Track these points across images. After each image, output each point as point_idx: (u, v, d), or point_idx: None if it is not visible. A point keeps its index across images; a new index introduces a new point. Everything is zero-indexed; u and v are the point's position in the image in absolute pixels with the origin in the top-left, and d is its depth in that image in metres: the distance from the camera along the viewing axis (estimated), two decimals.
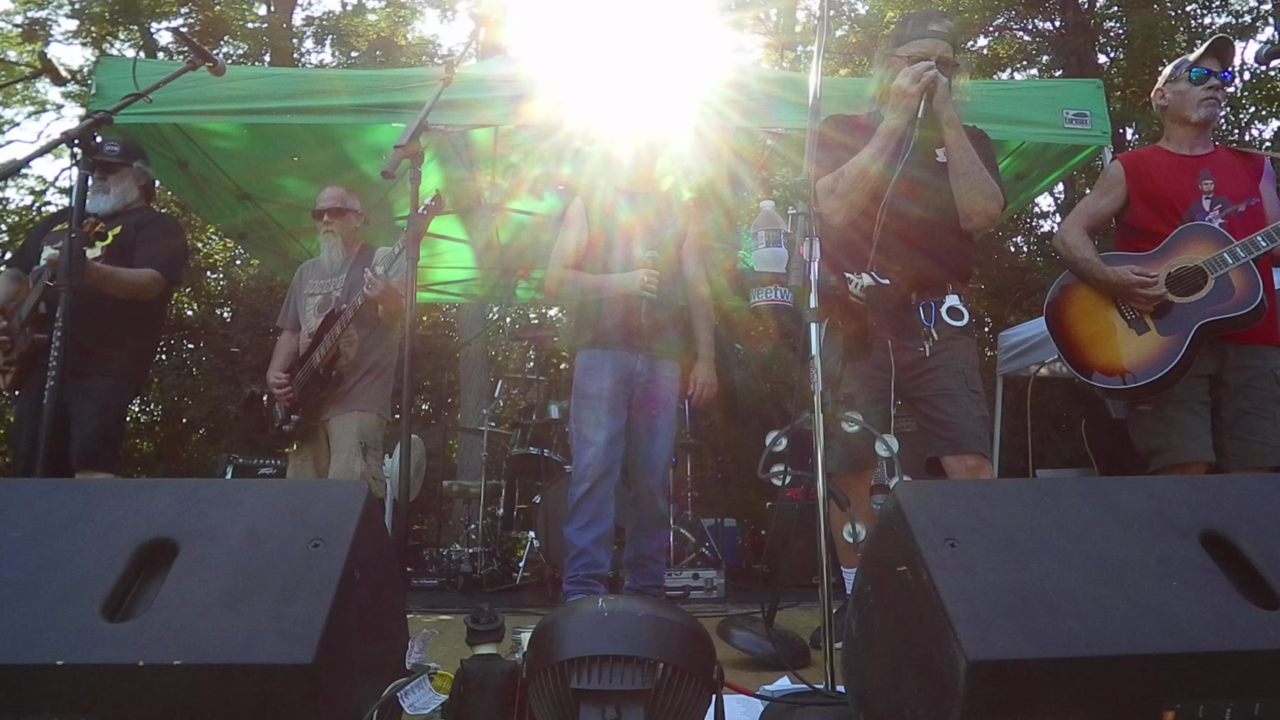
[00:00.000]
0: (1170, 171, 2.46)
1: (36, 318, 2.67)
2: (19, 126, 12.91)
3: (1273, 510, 1.11)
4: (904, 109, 2.17)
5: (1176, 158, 2.49)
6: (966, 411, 2.21)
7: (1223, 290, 2.26)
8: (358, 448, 2.93)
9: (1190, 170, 2.44)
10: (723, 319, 7.23)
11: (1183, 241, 2.35)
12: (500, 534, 4.88)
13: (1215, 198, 2.39)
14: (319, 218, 3.20)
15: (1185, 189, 2.42)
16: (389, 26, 13.02)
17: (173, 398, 9.72)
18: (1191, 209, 2.40)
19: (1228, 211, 2.38)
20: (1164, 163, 2.49)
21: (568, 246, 3.01)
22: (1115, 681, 0.94)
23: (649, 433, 2.94)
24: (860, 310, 2.27)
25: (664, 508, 3.02)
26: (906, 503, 1.11)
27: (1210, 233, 2.32)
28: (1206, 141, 2.51)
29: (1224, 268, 2.27)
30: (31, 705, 0.92)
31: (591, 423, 2.88)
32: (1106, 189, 2.55)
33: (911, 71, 2.16)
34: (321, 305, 3.12)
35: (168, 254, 2.85)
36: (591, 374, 2.91)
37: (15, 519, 1.08)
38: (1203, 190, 2.40)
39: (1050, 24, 10.99)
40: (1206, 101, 2.43)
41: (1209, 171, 2.43)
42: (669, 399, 2.98)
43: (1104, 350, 2.38)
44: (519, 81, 3.45)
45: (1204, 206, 2.40)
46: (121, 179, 2.88)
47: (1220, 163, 2.46)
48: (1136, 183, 2.49)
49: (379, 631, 1.22)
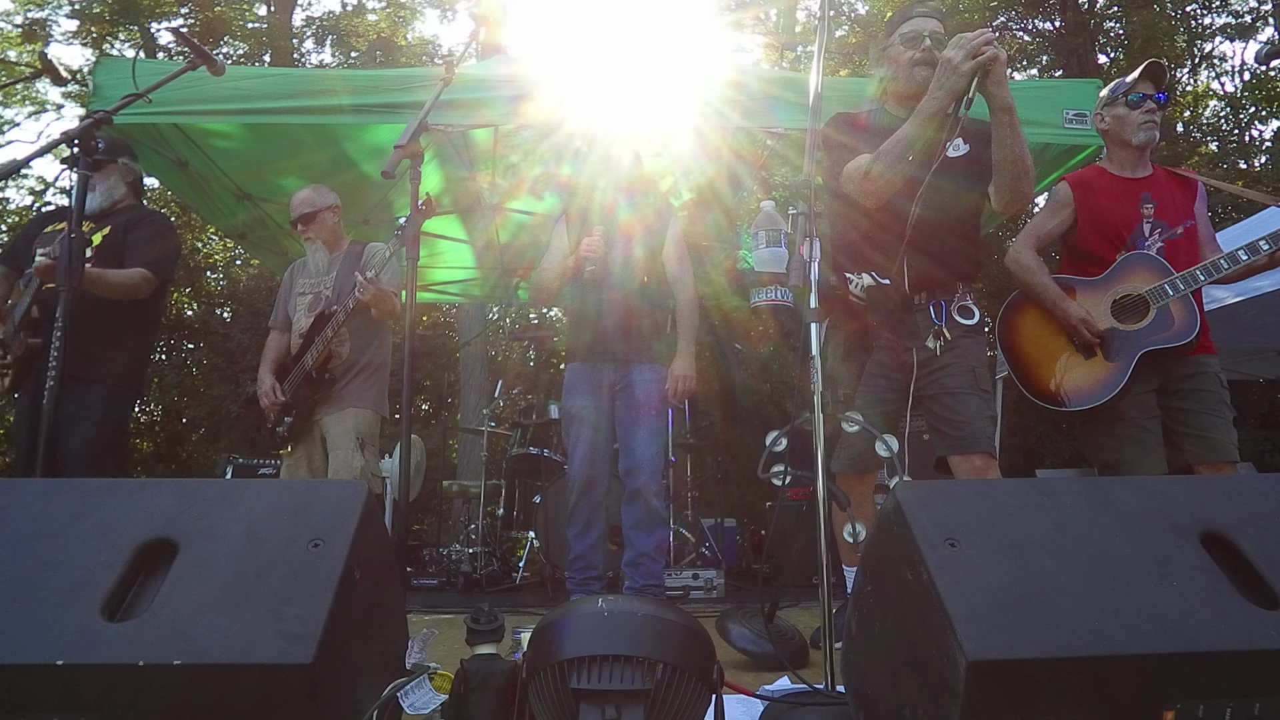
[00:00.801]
0: (1115, 195, 2.55)
1: (30, 321, 2.65)
2: (19, 126, 12.91)
3: (1273, 510, 1.11)
4: (949, 88, 1.88)
5: (1120, 181, 2.57)
6: (974, 411, 2.20)
7: (1164, 320, 2.40)
8: (355, 443, 2.92)
9: (1133, 195, 2.54)
10: (723, 319, 7.24)
11: (1127, 269, 2.48)
12: (500, 534, 4.88)
13: (1155, 222, 2.51)
14: (293, 225, 3.19)
15: (1129, 213, 2.52)
16: (389, 26, 13.03)
17: (173, 397, 9.72)
18: (1134, 234, 2.51)
19: (1166, 235, 2.50)
20: (1109, 186, 2.57)
21: (550, 254, 3.19)
22: (1115, 681, 0.94)
23: (632, 435, 3.05)
24: (860, 310, 2.27)
25: (658, 507, 3.06)
26: (906, 502, 1.11)
27: (1152, 263, 2.45)
28: (1146, 163, 2.60)
29: (1165, 299, 2.40)
30: (31, 705, 0.92)
31: (572, 438, 3.11)
32: (1055, 210, 2.62)
33: (964, 40, 1.85)
34: (312, 304, 3.10)
35: (158, 252, 2.82)
36: (571, 391, 3.13)
37: (15, 519, 1.08)
38: (1144, 215, 2.51)
39: (1050, 24, 11.00)
40: (1145, 125, 2.52)
41: (1150, 195, 2.53)
42: (649, 400, 3.06)
43: (1052, 373, 2.48)
44: (519, 81, 3.45)
45: (1145, 231, 2.51)
46: (107, 175, 2.85)
47: (1159, 185, 2.56)
48: (1084, 205, 2.57)
49: (379, 631, 1.22)
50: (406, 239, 2.08)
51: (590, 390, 3.08)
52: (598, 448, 3.07)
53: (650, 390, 3.06)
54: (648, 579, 3.04)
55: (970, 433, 2.19)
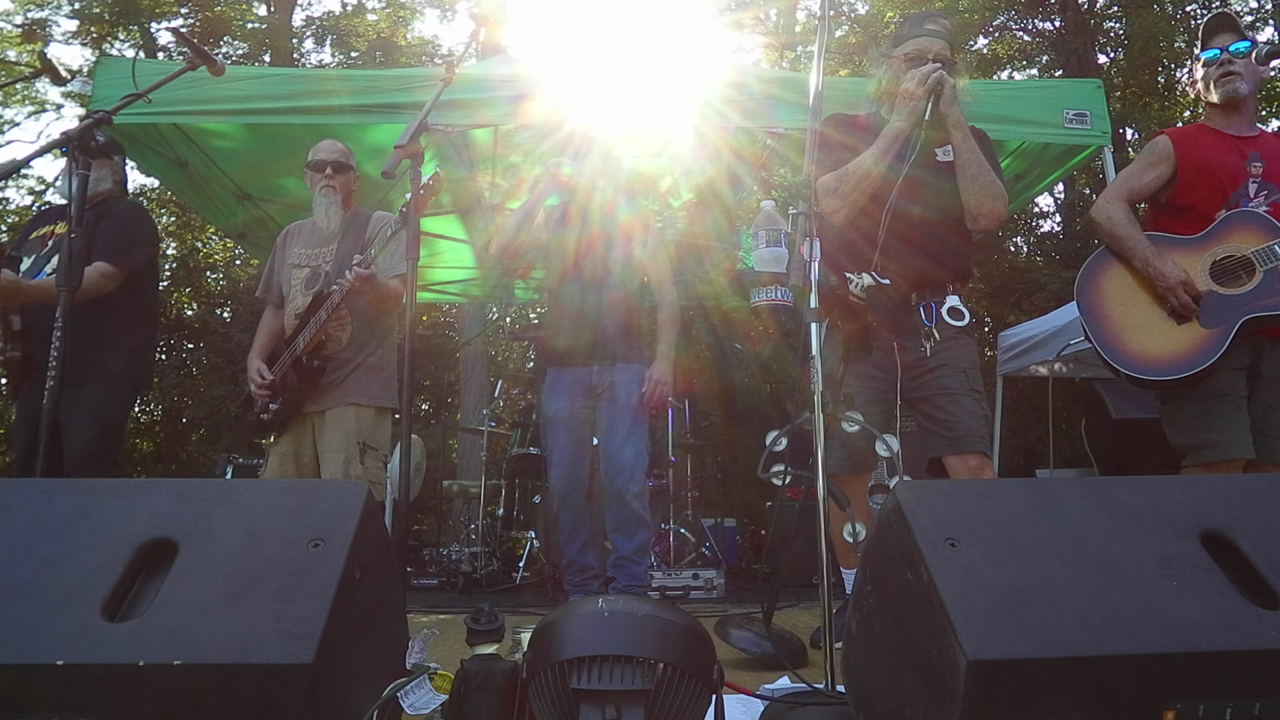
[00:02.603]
0: (1220, 149, 2.35)
1: (11, 334, 2.63)
2: (19, 126, 12.88)
3: (1273, 510, 1.11)
4: (910, 111, 2.17)
5: (1225, 137, 2.38)
6: (968, 411, 2.20)
7: (1272, 284, 2.15)
8: (355, 450, 2.67)
9: (1239, 151, 2.34)
10: (723, 319, 7.25)
11: (1230, 228, 2.24)
12: (500, 534, 4.88)
13: (1262, 182, 2.29)
14: (319, 170, 2.87)
15: (1235, 170, 2.31)
16: (389, 26, 13.03)
17: (172, 398, 9.73)
18: (1238, 192, 2.29)
19: (1273, 198, 2.28)
20: (1213, 140, 2.38)
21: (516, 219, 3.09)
22: (1115, 681, 0.94)
23: (610, 436, 3.05)
24: (860, 310, 2.27)
25: (639, 509, 3.04)
26: (906, 503, 1.11)
27: (1260, 221, 2.21)
28: (1250, 123, 2.40)
29: (1275, 260, 2.15)
30: (31, 705, 0.92)
31: (551, 443, 3.11)
32: (1152, 163, 2.40)
33: (919, 74, 2.16)
34: (309, 280, 2.83)
35: (120, 243, 2.70)
36: (550, 395, 3.12)
37: (15, 519, 1.08)
38: (1251, 173, 2.29)
39: (1050, 24, 11.00)
40: (1222, 79, 2.33)
41: (1258, 154, 2.32)
42: (628, 401, 3.05)
43: (1140, 338, 2.23)
44: (519, 81, 3.45)
45: (1249, 191, 2.29)
46: (99, 168, 2.72)
47: (1267, 147, 2.36)
48: (1185, 158, 2.35)
49: (379, 631, 1.21)
50: (412, 235, 2.04)
51: (568, 392, 3.07)
52: (575, 452, 3.07)
53: (632, 390, 3.05)
54: (630, 580, 3.05)
55: (965, 433, 2.19)
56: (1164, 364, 2.19)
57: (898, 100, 2.21)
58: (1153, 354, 2.21)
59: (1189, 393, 2.22)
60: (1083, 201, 9.27)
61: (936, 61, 2.19)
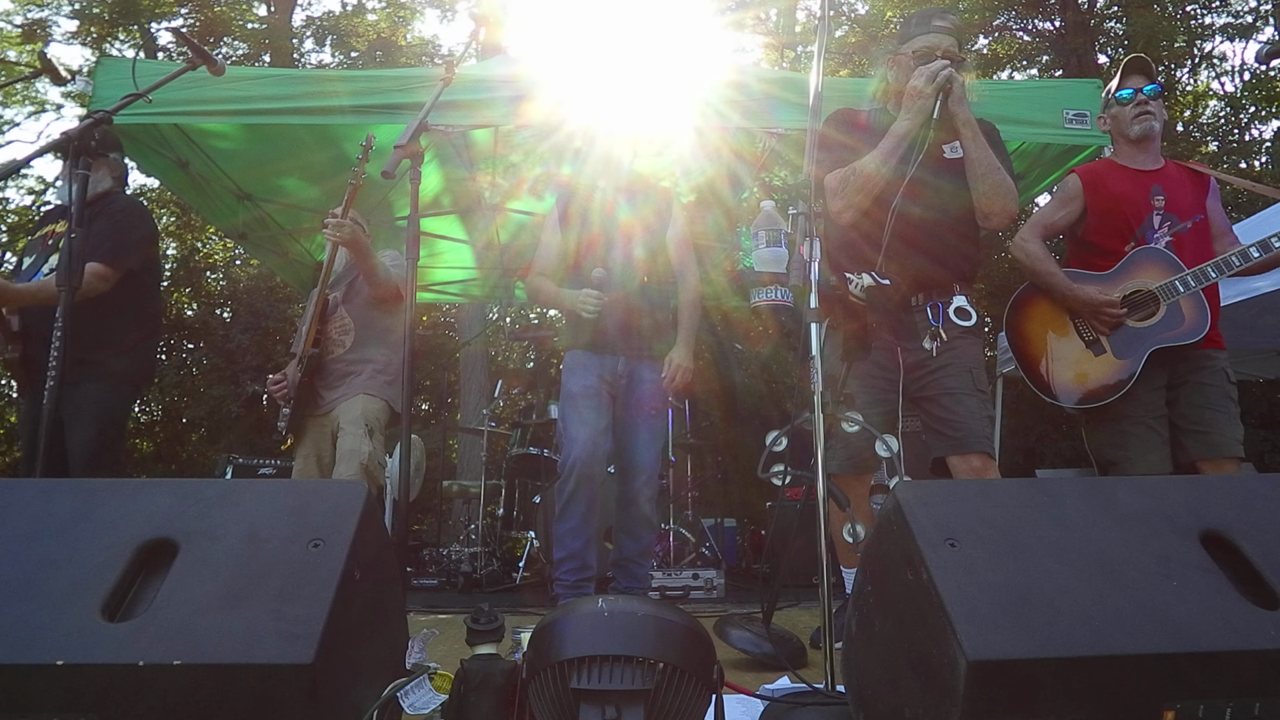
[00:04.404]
0: (1125, 186, 2.52)
1: (10, 335, 2.63)
2: (19, 126, 12.89)
3: (1273, 510, 1.11)
4: (918, 110, 2.14)
5: (1130, 172, 2.55)
6: (971, 411, 2.20)
7: (1174, 317, 2.37)
8: (364, 429, 2.82)
9: (1143, 185, 2.51)
10: (723, 319, 7.25)
11: (1137, 265, 2.44)
12: (500, 534, 4.88)
13: (1165, 214, 2.47)
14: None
15: (1139, 205, 2.48)
16: (389, 26, 13.03)
17: (173, 397, 9.74)
18: (1144, 226, 2.47)
19: (1175, 229, 2.46)
20: (1119, 177, 2.55)
21: (542, 252, 3.08)
22: (1115, 681, 0.94)
23: (631, 435, 2.94)
24: (860, 310, 2.27)
25: (649, 512, 2.94)
26: (906, 503, 1.11)
27: (1162, 258, 2.42)
28: (1156, 156, 2.58)
29: (1175, 295, 2.37)
30: (31, 705, 0.92)
31: (575, 420, 2.86)
32: (1064, 201, 2.60)
33: (926, 71, 2.13)
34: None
35: (114, 243, 2.69)
36: (575, 373, 2.94)
37: (15, 519, 1.08)
38: (1154, 206, 2.48)
39: (1050, 24, 11.00)
40: (1139, 117, 2.52)
41: (1160, 187, 2.50)
42: (651, 399, 2.95)
43: (1060, 368, 2.46)
44: (519, 81, 3.45)
45: (1154, 224, 2.47)
46: (97, 168, 2.72)
47: (1170, 178, 2.53)
48: (1094, 197, 2.54)
49: (379, 631, 1.22)
50: (412, 235, 2.03)
51: (596, 373, 2.91)
52: (600, 431, 2.85)
53: (654, 390, 2.96)
54: (632, 582, 2.98)
55: (968, 433, 2.19)
56: (1083, 392, 2.42)
57: (904, 98, 2.18)
58: (1073, 383, 2.44)
59: (1106, 414, 2.41)
60: None
61: (945, 58, 2.17)
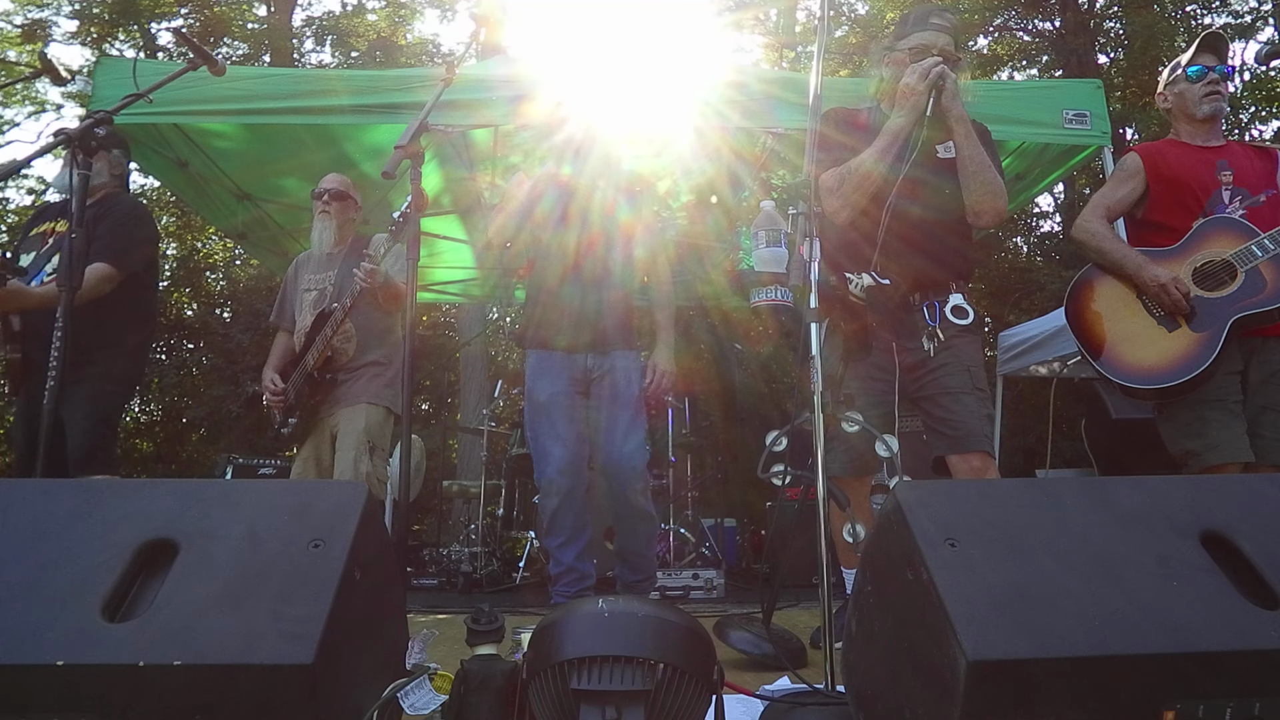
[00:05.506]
0: (1188, 161, 2.39)
1: (10, 335, 2.62)
2: (19, 126, 12.91)
3: (1273, 510, 1.11)
4: (911, 107, 2.13)
5: (1192, 149, 2.42)
6: (970, 410, 2.19)
7: (1254, 284, 2.17)
8: (364, 446, 2.83)
9: (1207, 162, 2.38)
10: (723, 319, 7.24)
11: (1206, 235, 2.28)
12: (500, 534, 4.89)
13: (1235, 189, 2.32)
14: (318, 198, 3.08)
15: (1206, 180, 2.35)
16: (389, 26, 13.02)
17: (173, 398, 9.73)
18: (1212, 200, 2.33)
19: (1248, 203, 2.31)
20: (1180, 153, 2.42)
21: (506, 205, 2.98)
22: (1115, 681, 0.94)
23: (610, 429, 2.85)
24: (860, 310, 2.27)
25: (643, 504, 2.87)
26: (906, 503, 1.11)
27: (1234, 225, 2.25)
28: (1218, 135, 2.45)
29: (1254, 260, 2.18)
30: (31, 705, 0.92)
31: (547, 433, 2.82)
32: (1124, 179, 2.46)
33: (919, 68, 2.13)
34: (316, 302, 3.02)
35: (119, 244, 2.67)
36: (540, 378, 2.87)
37: (15, 519, 1.08)
38: (1222, 181, 2.33)
39: (1050, 24, 10.99)
40: (1209, 97, 2.39)
41: (1226, 162, 2.36)
42: (627, 390, 2.86)
43: (1132, 349, 2.26)
44: (519, 81, 3.46)
45: (1224, 198, 2.32)
46: (96, 162, 2.68)
47: (1235, 155, 2.40)
48: (1156, 172, 2.40)
49: (379, 631, 1.21)
50: (407, 235, 2.07)
51: (566, 377, 2.85)
52: (576, 442, 2.83)
53: (632, 380, 2.88)
54: (637, 574, 2.96)
55: (967, 432, 2.19)
56: (1158, 372, 2.20)
57: (898, 95, 2.18)
58: (1146, 363, 2.23)
59: (1183, 399, 2.22)
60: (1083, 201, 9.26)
61: (940, 56, 2.17)
